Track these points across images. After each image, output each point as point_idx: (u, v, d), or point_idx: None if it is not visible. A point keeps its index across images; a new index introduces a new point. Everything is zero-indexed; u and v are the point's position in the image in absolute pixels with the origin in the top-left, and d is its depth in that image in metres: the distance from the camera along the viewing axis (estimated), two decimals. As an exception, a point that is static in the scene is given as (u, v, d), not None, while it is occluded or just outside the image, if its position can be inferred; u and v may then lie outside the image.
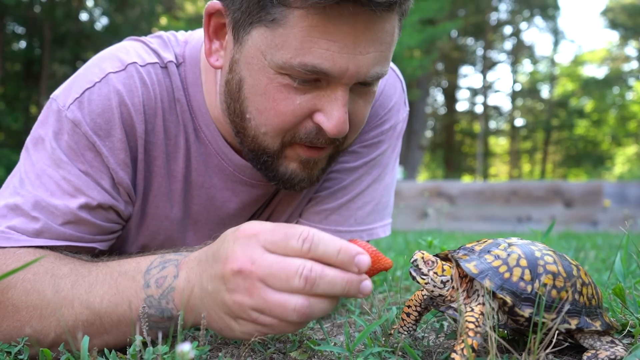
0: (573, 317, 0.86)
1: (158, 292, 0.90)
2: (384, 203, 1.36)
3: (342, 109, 0.99)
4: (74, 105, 1.05)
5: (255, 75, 1.00)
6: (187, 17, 20.04)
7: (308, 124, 1.03)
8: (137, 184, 1.15)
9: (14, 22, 16.84)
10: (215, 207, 1.25)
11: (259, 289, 0.77)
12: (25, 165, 1.08)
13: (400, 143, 1.41)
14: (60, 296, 0.93)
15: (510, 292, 0.84)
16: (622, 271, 1.24)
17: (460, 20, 19.41)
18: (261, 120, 1.03)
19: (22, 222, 1.02)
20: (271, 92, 0.99)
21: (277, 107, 1.00)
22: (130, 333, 0.92)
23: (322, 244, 0.77)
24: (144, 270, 0.93)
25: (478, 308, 0.83)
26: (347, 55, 0.93)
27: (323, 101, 0.99)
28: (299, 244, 0.77)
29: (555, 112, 27.47)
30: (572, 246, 3.03)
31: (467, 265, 0.86)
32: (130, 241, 1.22)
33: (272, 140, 1.05)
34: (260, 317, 0.78)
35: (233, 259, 0.78)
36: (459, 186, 9.45)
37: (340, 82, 0.97)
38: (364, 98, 1.06)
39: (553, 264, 0.87)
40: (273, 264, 0.76)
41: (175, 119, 1.16)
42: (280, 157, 1.08)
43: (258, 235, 0.79)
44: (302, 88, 0.98)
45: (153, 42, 1.19)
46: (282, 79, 0.98)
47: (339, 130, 1.00)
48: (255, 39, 0.98)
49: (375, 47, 0.96)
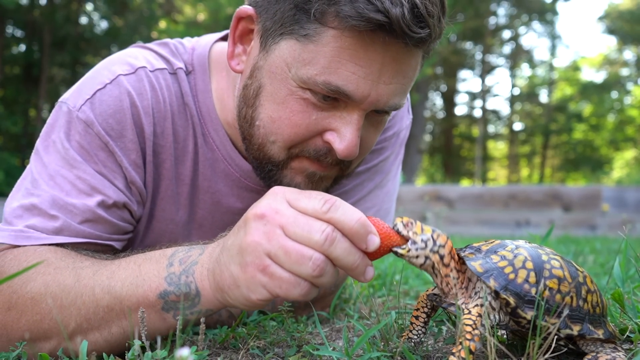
0: (576, 323, 0.85)
1: (180, 268, 0.91)
2: (386, 209, 1.37)
3: (355, 133, 0.99)
4: (86, 106, 1.06)
5: (276, 85, 1.01)
6: (187, 20, 20.08)
7: (318, 142, 1.03)
8: (146, 186, 1.16)
9: (13, 25, 16.88)
10: (220, 212, 1.25)
11: (278, 235, 0.78)
12: (37, 167, 1.08)
13: (403, 150, 1.41)
14: (81, 284, 0.93)
15: (514, 293, 0.84)
16: (620, 276, 1.25)
17: (459, 24, 19.43)
18: (272, 129, 1.03)
19: (40, 221, 1.03)
20: (290, 103, 1.00)
21: (292, 118, 1.00)
22: (152, 318, 0.91)
23: (341, 208, 0.79)
24: (170, 254, 0.94)
25: (475, 310, 0.83)
26: (372, 82, 0.95)
27: (338, 122, 1.00)
28: (319, 203, 0.79)
29: (554, 117, 27.51)
30: (571, 250, 3.04)
31: (472, 264, 0.85)
32: (137, 243, 1.23)
33: (279, 150, 1.05)
34: (272, 267, 0.78)
35: (258, 207, 0.82)
36: (457, 190, 9.46)
37: (358, 107, 0.98)
38: (376, 126, 1.07)
39: (559, 268, 0.87)
40: (297, 215, 0.79)
41: (184, 123, 1.17)
42: (286, 168, 1.08)
43: (285, 192, 0.83)
44: (321, 105, 0.99)
45: (161, 49, 1.20)
46: (303, 93, 0.98)
47: (349, 153, 1.00)
48: (283, 50, 0.98)
49: (399, 80, 0.98)
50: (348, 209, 0.80)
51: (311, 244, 0.77)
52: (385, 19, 0.87)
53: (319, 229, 0.77)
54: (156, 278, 0.91)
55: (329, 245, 0.77)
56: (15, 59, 17.48)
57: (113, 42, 17.19)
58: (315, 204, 0.79)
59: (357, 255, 0.80)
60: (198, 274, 0.89)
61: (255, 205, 0.84)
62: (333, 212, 0.79)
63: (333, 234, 0.78)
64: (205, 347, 1.02)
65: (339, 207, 0.79)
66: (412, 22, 0.89)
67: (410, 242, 0.84)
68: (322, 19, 0.93)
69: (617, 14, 25.67)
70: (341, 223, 0.78)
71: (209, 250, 0.92)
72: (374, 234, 0.80)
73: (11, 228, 1.03)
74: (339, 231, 0.78)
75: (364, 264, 0.81)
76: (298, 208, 0.80)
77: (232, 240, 0.84)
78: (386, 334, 1.03)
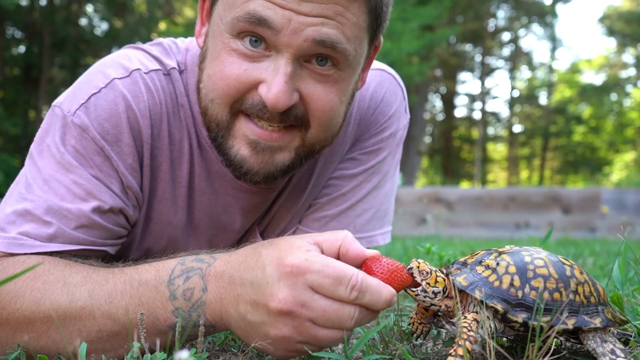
0: (570, 317, 0.86)
1: (187, 304, 0.89)
2: (384, 210, 1.36)
3: (281, 79, 0.98)
4: (80, 110, 1.05)
5: (214, 42, 1.04)
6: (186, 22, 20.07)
7: (255, 96, 1.02)
8: (143, 189, 1.15)
9: (13, 26, 16.86)
10: (217, 213, 1.25)
11: (308, 327, 0.81)
12: (31, 171, 1.06)
13: (400, 151, 1.41)
14: (77, 306, 0.91)
15: (501, 299, 0.85)
16: (620, 278, 1.25)
17: (459, 26, 19.48)
18: (210, 86, 1.05)
19: (34, 227, 1.01)
20: (222, 56, 1.02)
21: (223, 70, 1.02)
22: (161, 340, 0.91)
23: (369, 293, 0.81)
24: (167, 281, 0.91)
25: (471, 316, 0.85)
26: (290, 12, 0.95)
27: (267, 72, 1.00)
28: (347, 292, 0.80)
29: (553, 119, 27.53)
30: (570, 253, 3.04)
31: (457, 279, 0.88)
32: (134, 247, 1.22)
33: (220, 109, 1.05)
34: (305, 347, 0.83)
35: (280, 299, 0.80)
36: (457, 192, 9.46)
37: (284, 47, 0.97)
38: (323, 84, 1.03)
39: (543, 267, 0.88)
40: (326, 308, 0.80)
41: (179, 124, 1.17)
42: (230, 132, 1.07)
43: (305, 275, 0.80)
44: (251, 55, 1.00)
45: (153, 49, 1.19)
46: (233, 43, 1.00)
47: (277, 100, 0.98)
48: (219, 8, 1.04)
49: (323, 13, 0.96)
50: (374, 292, 0.81)
51: (342, 328, 0.82)
52: None
53: (348, 316, 0.81)
54: (162, 311, 0.90)
55: (356, 325, 0.83)
56: (15, 60, 17.46)
57: (113, 43, 17.17)
58: (342, 293, 0.80)
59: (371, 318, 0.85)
60: (210, 315, 0.89)
61: (274, 292, 0.80)
62: (361, 299, 0.81)
63: (360, 315, 0.82)
64: (204, 350, 1.02)
65: (367, 292, 0.81)
66: None
67: (420, 288, 0.88)
68: None
69: (616, 16, 25.69)
70: (370, 307, 0.82)
71: (214, 289, 0.88)
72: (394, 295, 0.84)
73: (4, 235, 1.01)
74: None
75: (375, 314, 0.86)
76: (325, 294, 0.80)
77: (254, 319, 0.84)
78: (385, 336, 1.02)
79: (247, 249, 0.90)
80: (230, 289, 0.87)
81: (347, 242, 0.87)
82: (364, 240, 1.32)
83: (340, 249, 0.87)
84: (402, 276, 0.86)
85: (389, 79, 1.35)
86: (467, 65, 28.66)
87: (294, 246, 0.83)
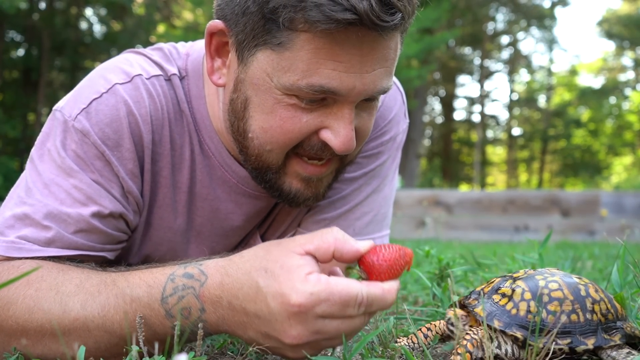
0: (589, 337, 0.87)
1: (187, 322, 0.89)
2: (383, 214, 1.36)
3: (349, 127, 1.00)
4: (82, 115, 1.04)
5: (262, 96, 1.01)
6: (185, 25, 20.11)
7: (313, 138, 1.03)
8: (144, 194, 1.14)
9: (12, 30, 16.88)
10: (218, 219, 1.24)
11: (324, 344, 0.86)
12: (31, 175, 1.06)
13: (400, 154, 1.41)
14: (70, 317, 0.91)
15: (520, 326, 0.87)
16: (619, 282, 1.25)
17: (458, 30, 19.51)
18: (266, 139, 1.03)
19: (32, 231, 1.00)
20: (278, 111, 1.00)
21: (283, 126, 1.01)
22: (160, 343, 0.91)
23: (375, 304, 0.84)
24: (159, 299, 0.89)
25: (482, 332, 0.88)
26: (354, 75, 0.95)
27: (330, 119, 1.00)
28: (355, 310, 0.83)
29: (552, 122, 27.56)
30: (569, 256, 3.03)
31: (475, 311, 0.90)
32: (134, 252, 1.22)
33: (277, 156, 1.06)
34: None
35: (294, 336, 0.83)
36: (456, 195, 9.46)
37: (347, 100, 0.98)
38: (369, 112, 1.07)
39: (558, 289, 0.90)
40: (339, 327, 0.83)
41: (180, 130, 1.17)
42: (283, 173, 1.09)
43: (315, 309, 0.81)
44: (309, 107, 0.99)
45: (154, 55, 1.19)
46: (289, 100, 0.98)
47: (347, 147, 1.01)
48: (261, 61, 0.98)
49: (381, 64, 0.98)
50: (381, 301, 0.84)
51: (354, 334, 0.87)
52: (354, 15, 0.87)
53: (360, 325, 0.86)
54: (161, 326, 0.90)
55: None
56: (14, 64, 17.48)
57: (112, 46, 17.20)
58: (352, 312, 0.83)
59: None
60: (213, 330, 0.91)
61: (286, 330, 0.82)
62: (369, 310, 0.84)
63: (370, 318, 0.87)
64: (203, 353, 1.02)
65: (373, 304, 0.84)
66: (382, 11, 0.88)
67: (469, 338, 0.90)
68: (292, 26, 0.92)
69: (615, 19, 25.77)
70: (377, 312, 0.88)
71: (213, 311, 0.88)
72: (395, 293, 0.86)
73: (3, 239, 1.00)
74: None
75: None
76: (335, 318, 0.83)
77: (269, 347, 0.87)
78: (384, 339, 1.02)
79: (239, 272, 0.87)
80: (233, 314, 0.87)
81: (339, 245, 0.86)
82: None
83: (334, 254, 0.86)
84: (401, 263, 0.87)
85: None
86: (466, 68, 28.71)
87: (292, 276, 0.82)
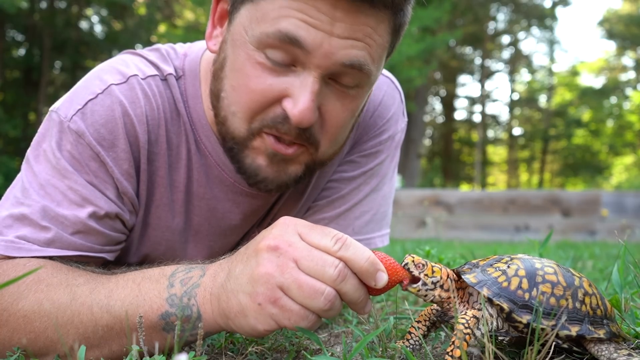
0: (574, 324, 0.88)
1: (182, 290, 0.90)
2: (382, 213, 1.37)
3: (308, 96, 0.98)
4: (77, 116, 1.05)
5: (236, 51, 1.02)
6: (186, 25, 20.10)
7: (277, 110, 1.02)
8: (140, 194, 1.14)
9: (13, 29, 16.89)
10: (216, 218, 1.25)
11: (291, 268, 0.80)
12: (27, 176, 1.06)
13: (398, 153, 1.42)
14: (77, 303, 0.92)
15: (508, 299, 0.87)
16: (619, 282, 1.24)
17: (460, 31, 19.48)
18: (233, 98, 1.04)
19: (31, 231, 1.01)
20: (246, 68, 1.01)
21: (248, 84, 1.01)
22: (152, 337, 0.91)
23: (352, 247, 0.82)
24: (169, 274, 0.93)
25: (471, 312, 0.87)
26: (323, 34, 0.94)
27: (293, 87, 0.99)
28: (332, 242, 0.82)
29: (553, 122, 27.54)
30: (570, 256, 3.03)
31: (467, 277, 0.91)
32: (132, 252, 1.22)
33: (240, 123, 1.05)
34: (283, 299, 0.80)
35: (270, 238, 0.83)
36: (457, 195, 9.46)
37: (312, 65, 0.97)
38: (342, 101, 1.04)
39: (553, 274, 0.90)
40: (311, 250, 0.81)
41: (177, 129, 1.17)
42: (248, 147, 1.07)
43: (296, 225, 0.84)
44: (276, 70, 0.99)
45: (151, 55, 1.19)
46: (258, 56, 0.99)
47: (303, 117, 0.98)
48: (242, 16, 1.01)
49: (355, 35, 0.96)
50: (359, 248, 0.83)
51: (324, 278, 0.80)
52: None
53: (332, 264, 0.80)
54: (157, 299, 0.90)
55: (340, 280, 0.81)
56: (16, 63, 17.48)
57: (113, 46, 17.20)
58: (327, 242, 0.82)
59: (363, 291, 0.84)
60: (200, 297, 0.89)
61: (265, 235, 0.84)
62: (344, 251, 0.81)
63: (345, 270, 0.81)
64: (203, 353, 1.02)
65: (350, 246, 0.82)
66: None
67: (421, 282, 0.89)
68: None
69: (616, 19, 25.74)
70: (352, 261, 0.82)
71: (211, 272, 0.91)
72: (382, 271, 0.84)
73: (1, 238, 1.01)
74: (349, 269, 0.82)
75: (366, 299, 0.86)
76: (310, 242, 0.82)
77: (241, 269, 0.84)
78: (384, 339, 1.02)
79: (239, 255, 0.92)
80: (225, 263, 0.91)
81: None
82: (362, 243, 1.31)
83: None
84: (397, 270, 0.87)
85: (386, 83, 1.35)
86: (467, 68, 28.70)
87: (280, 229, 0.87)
